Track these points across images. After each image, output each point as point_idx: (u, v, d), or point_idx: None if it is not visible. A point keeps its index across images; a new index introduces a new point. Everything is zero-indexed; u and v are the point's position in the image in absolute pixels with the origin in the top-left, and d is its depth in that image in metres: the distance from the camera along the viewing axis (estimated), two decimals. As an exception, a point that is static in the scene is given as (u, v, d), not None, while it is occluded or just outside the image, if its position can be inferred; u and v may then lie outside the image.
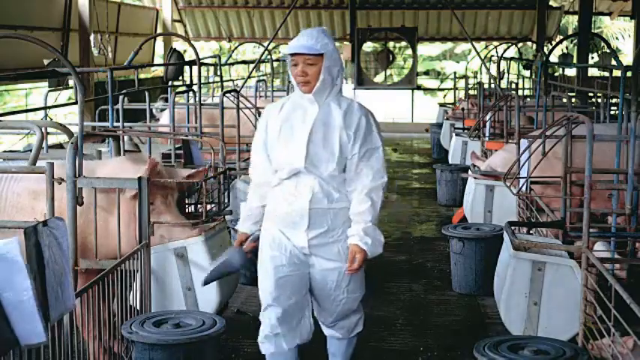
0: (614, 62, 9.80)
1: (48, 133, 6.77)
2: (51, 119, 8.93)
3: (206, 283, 4.04)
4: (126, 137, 6.69)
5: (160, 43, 20.01)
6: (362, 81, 20.00)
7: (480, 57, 15.46)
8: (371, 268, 3.80)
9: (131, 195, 4.38)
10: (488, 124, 9.25)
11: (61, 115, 15.08)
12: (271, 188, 3.89)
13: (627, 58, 25.00)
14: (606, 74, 12.12)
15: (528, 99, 12.27)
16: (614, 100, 9.98)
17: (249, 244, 3.95)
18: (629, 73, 5.83)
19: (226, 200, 6.10)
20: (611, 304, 3.57)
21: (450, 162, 10.62)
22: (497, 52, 14.71)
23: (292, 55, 3.79)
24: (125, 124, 7.08)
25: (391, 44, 20.90)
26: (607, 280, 3.65)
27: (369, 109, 3.97)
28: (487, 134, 9.20)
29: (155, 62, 19.37)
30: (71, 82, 9.82)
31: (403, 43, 21.01)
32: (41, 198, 4.25)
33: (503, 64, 13.63)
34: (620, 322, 3.46)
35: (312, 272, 3.91)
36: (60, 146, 9.14)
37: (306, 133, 3.77)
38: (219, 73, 11.86)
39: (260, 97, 11.70)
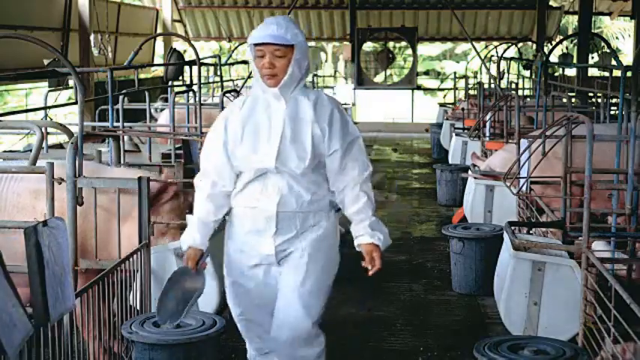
0: (614, 62, 9.80)
1: (48, 133, 6.77)
2: (51, 119, 8.93)
3: (181, 318, 3.57)
4: (126, 137, 6.69)
5: (160, 43, 20.01)
6: (362, 81, 20.01)
7: (480, 57, 15.46)
8: (371, 268, 3.78)
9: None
10: (488, 124, 9.26)
11: (61, 115, 15.08)
12: (234, 196, 3.56)
13: (627, 58, 25.01)
14: (606, 74, 12.12)
15: (528, 99, 12.27)
16: (614, 100, 9.97)
17: (203, 265, 3.57)
18: (629, 73, 5.83)
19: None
20: (611, 304, 3.57)
21: (450, 162, 10.63)
22: (497, 52, 14.71)
23: (257, 45, 3.43)
24: (125, 124, 7.08)
25: (391, 44, 20.91)
26: (607, 280, 3.66)
27: (337, 100, 3.67)
28: (487, 134, 9.21)
29: (155, 62, 19.37)
30: (71, 82, 9.82)
31: (403, 43, 21.02)
32: (42, 198, 4.26)
33: (503, 64, 13.63)
34: (620, 322, 3.46)
35: (277, 281, 3.61)
36: (60, 146, 9.14)
37: (277, 130, 3.46)
38: (219, 73, 11.87)
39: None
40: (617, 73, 9.24)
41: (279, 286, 3.58)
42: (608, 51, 14.42)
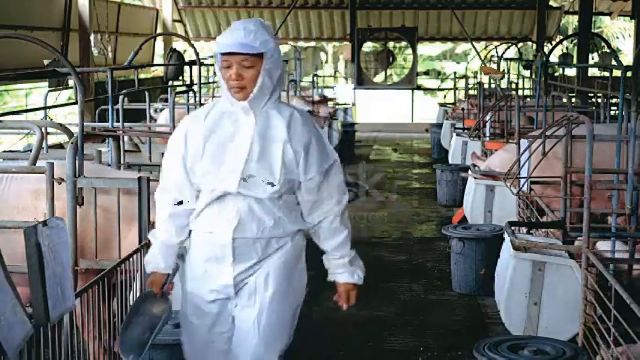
0: (614, 62, 9.80)
1: (48, 133, 6.77)
2: (51, 119, 8.93)
3: (147, 347, 3.24)
4: (126, 137, 6.69)
5: (159, 43, 20.01)
6: (362, 81, 20.02)
7: (480, 57, 15.46)
8: (371, 268, 3.77)
9: None
10: (488, 124, 9.26)
11: (61, 115, 15.08)
12: (193, 219, 3.21)
13: (627, 58, 25.01)
14: (606, 74, 12.12)
15: (528, 99, 12.27)
16: (614, 100, 9.97)
17: (169, 287, 3.34)
18: (629, 73, 5.82)
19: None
20: (611, 304, 3.57)
21: (450, 162, 10.63)
22: (497, 52, 14.72)
23: (224, 53, 3.08)
24: (125, 124, 7.08)
25: (391, 44, 20.91)
26: (607, 280, 3.66)
27: (312, 118, 3.28)
28: (487, 134, 9.21)
29: (155, 62, 19.37)
30: (71, 82, 9.82)
31: (403, 43, 21.02)
32: (43, 198, 4.26)
33: (503, 64, 13.63)
34: (620, 322, 3.46)
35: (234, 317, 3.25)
36: (60, 146, 9.13)
37: (244, 148, 3.09)
38: (219, 73, 11.84)
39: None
40: (617, 73, 9.24)
41: (236, 320, 3.23)
42: (608, 51, 14.42)
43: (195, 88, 8.07)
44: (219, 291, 3.20)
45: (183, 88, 9.35)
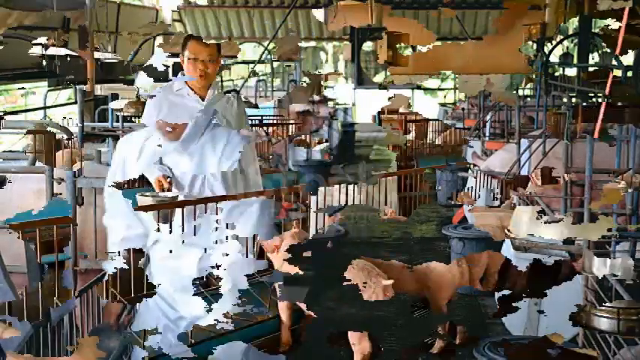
0: (614, 62, 9.79)
1: (48, 133, 6.76)
2: (50, 119, 8.92)
3: None
4: (126, 137, 6.70)
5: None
6: (362, 81, 19.99)
7: (480, 57, 15.45)
8: (371, 268, 3.76)
9: None
10: (488, 124, 9.26)
11: (60, 115, 15.07)
12: (150, 246, 3.05)
13: (627, 58, 24.98)
14: (606, 74, 12.11)
15: (528, 99, 12.26)
16: (614, 100, 9.96)
17: (125, 320, 3.15)
18: (629, 73, 5.82)
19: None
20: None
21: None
22: (497, 52, 14.68)
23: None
24: (125, 124, 7.08)
25: (391, 44, 20.92)
26: (607, 280, 3.65)
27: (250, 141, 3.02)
28: (487, 134, 9.21)
29: (155, 62, 19.38)
30: (71, 82, 9.82)
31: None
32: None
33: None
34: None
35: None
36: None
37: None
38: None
39: (260, 97, 11.74)
40: (617, 73, 9.23)
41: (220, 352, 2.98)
42: (608, 51, 14.40)
43: (195, 88, 8.05)
44: (190, 318, 3.00)
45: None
